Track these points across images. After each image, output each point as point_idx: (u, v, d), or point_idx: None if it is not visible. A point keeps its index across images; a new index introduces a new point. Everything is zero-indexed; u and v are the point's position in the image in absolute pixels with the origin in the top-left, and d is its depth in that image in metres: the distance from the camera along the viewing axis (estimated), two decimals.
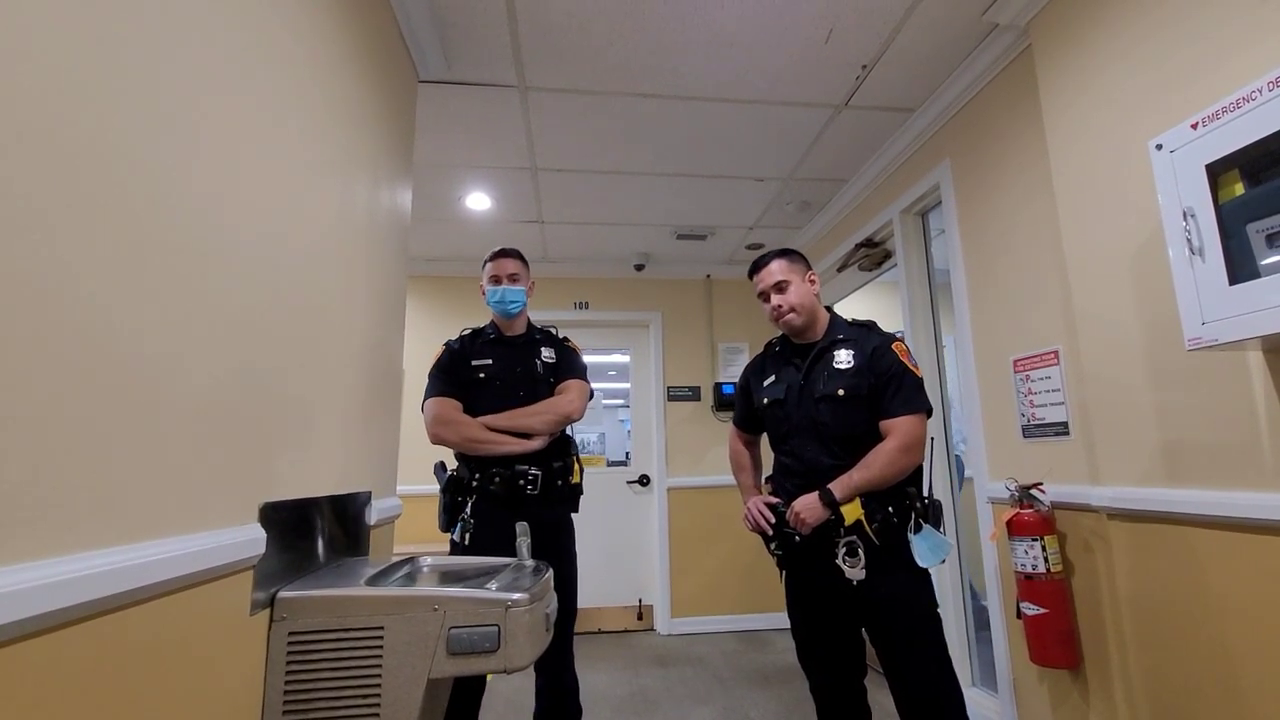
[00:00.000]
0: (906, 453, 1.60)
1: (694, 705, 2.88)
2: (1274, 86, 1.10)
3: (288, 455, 1.19)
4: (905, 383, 1.65)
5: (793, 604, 1.78)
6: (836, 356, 1.72)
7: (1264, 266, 1.13)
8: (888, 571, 1.59)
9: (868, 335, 1.74)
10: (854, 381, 1.67)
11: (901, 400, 1.64)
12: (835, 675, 1.73)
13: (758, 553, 4.27)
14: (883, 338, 1.73)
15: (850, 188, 3.31)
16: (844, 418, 1.67)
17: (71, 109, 0.69)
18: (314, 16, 1.31)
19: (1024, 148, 2.10)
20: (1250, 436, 1.31)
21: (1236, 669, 1.33)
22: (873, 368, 1.67)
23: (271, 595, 1.11)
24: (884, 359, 1.68)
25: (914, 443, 1.61)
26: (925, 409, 1.65)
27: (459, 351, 2.04)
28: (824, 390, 1.69)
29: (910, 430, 1.61)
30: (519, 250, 2.12)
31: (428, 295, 4.25)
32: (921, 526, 1.60)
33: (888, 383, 1.65)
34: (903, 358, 1.68)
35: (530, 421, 1.93)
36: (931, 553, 1.58)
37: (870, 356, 1.68)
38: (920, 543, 1.59)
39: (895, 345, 1.71)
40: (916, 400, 1.65)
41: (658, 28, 2.09)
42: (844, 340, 1.74)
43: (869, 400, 1.66)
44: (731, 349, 4.53)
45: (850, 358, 1.70)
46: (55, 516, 0.67)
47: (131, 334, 0.78)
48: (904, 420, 1.62)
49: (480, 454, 1.91)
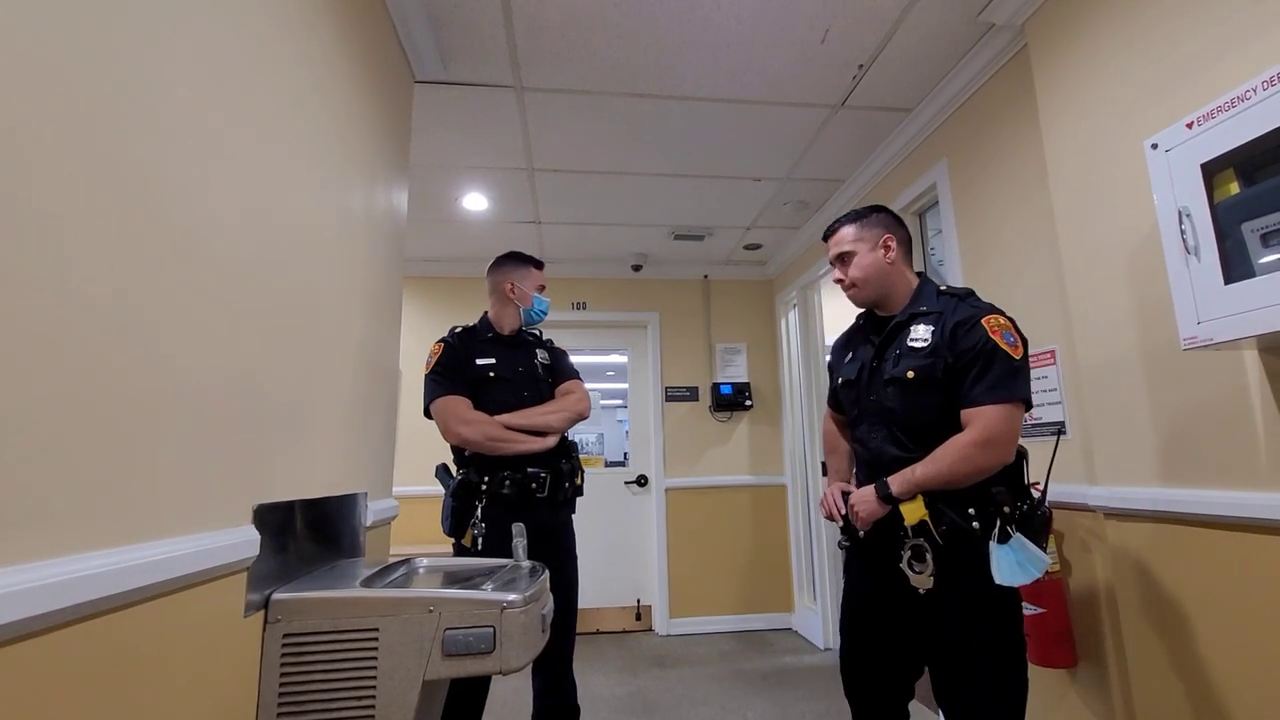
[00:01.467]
0: (986, 448, 1.35)
1: (692, 706, 2.88)
2: (1269, 85, 1.10)
3: (282, 456, 1.19)
4: (995, 364, 1.38)
5: (847, 602, 1.61)
6: (913, 332, 1.49)
7: (1259, 266, 1.13)
8: (958, 586, 1.38)
9: (956, 306, 1.48)
10: (927, 362, 1.44)
11: (987, 385, 1.38)
12: (876, 690, 1.54)
13: (756, 553, 4.28)
14: (974, 309, 1.46)
15: (848, 188, 3.31)
16: (913, 403, 1.46)
17: (68, 110, 0.69)
18: (310, 17, 1.31)
19: (1020, 148, 2.10)
20: (1246, 436, 1.31)
21: (1233, 668, 1.33)
22: (953, 345, 1.42)
23: (266, 597, 1.11)
24: (970, 335, 1.41)
25: (997, 436, 1.35)
26: (1018, 398, 1.39)
27: (459, 349, 2.01)
28: (893, 371, 1.49)
29: (993, 422, 1.36)
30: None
31: (424, 296, 4.25)
32: (1009, 536, 1.35)
33: (971, 363, 1.40)
34: (994, 334, 1.40)
35: (549, 420, 1.94)
36: (1019, 568, 1.32)
37: (952, 332, 1.43)
38: (1004, 555, 1.33)
39: (988, 319, 1.42)
40: (1007, 386, 1.38)
41: (654, 28, 2.09)
42: (925, 314, 1.50)
43: (945, 384, 1.43)
44: (729, 349, 4.53)
45: (928, 334, 1.47)
46: (47, 518, 0.67)
47: (126, 335, 0.78)
48: (987, 411, 1.37)
49: (500, 453, 1.88)
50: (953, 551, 1.38)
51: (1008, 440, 1.38)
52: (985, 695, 1.36)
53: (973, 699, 1.37)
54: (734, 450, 4.40)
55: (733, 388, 4.37)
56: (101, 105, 0.74)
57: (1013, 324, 1.44)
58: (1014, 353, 1.40)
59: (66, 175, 0.69)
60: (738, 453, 4.40)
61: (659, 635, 4.09)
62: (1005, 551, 1.34)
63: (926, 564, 1.39)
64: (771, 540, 4.28)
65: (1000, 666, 1.37)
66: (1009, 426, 1.37)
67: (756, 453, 4.40)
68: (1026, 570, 1.32)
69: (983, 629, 1.38)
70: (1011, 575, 1.32)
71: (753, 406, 4.41)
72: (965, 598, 1.38)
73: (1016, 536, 1.35)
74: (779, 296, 4.52)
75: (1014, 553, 1.33)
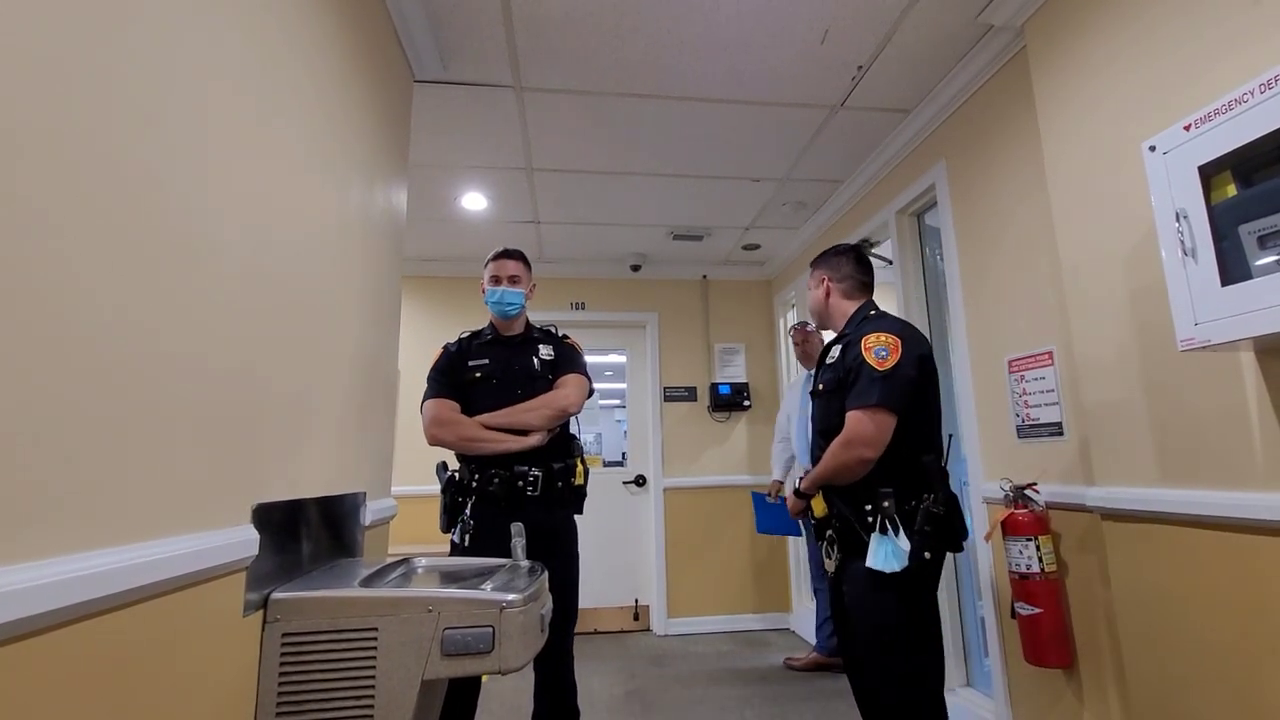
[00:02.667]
0: (847, 447, 1.61)
1: (690, 706, 2.88)
2: (1266, 88, 1.11)
3: (281, 456, 1.19)
4: (861, 376, 1.63)
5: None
6: (831, 352, 1.79)
7: (1256, 268, 1.13)
8: (850, 570, 1.66)
9: (858, 328, 1.74)
10: (831, 376, 1.73)
11: (855, 394, 1.64)
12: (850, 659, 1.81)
13: (754, 553, 4.28)
14: (865, 331, 1.69)
15: (846, 188, 3.32)
16: (823, 412, 1.75)
17: (67, 109, 0.69)
18: (309, 17, 1.31)
19: (1019, 149, 2.11)
20: (1242, 437, 1.31)
21: (1229, 668, 1.33)
22: (845, 362, 1.70)
23: (265, 596, 1.11)
24: (850, 352, 1.69)
25: (855, 437, 1.60)
26: (874, 403, 1.59)
27: (456, 354, 2.04)
28: (815, 385, 1.79)
29: (853, 424, 1.61)
30: (522, 251, 2.10)
31: (424, 296, 4.24)
32: (888, 530, 1.57)
33: (851, 377, 1.66)
34: (865, 352, 1.64)
35: (526, 418, 1.92)
36: (883, 558, 1.55)
37: (843, 351, 1.72)
38: (879, 545, 1.57)
39: (866, 338, 1.66)
40: (867, 393, 1.61)
41: (653, 28, 2.09)
42: (842, 336, 1.79)
43: (844, 395, 1.68)
44: (728, 349, 4.54)
45: (838, 352, 1.75)
46: (46, 518, 0.67)
47: (124, 334, 0.78)
48: (851, 415, 1.63)
49: (478, 453, 1.90)
50: (843, 538, 1.68)
51: (866, 440, 1.60)
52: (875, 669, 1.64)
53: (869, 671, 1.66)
54: (732, 450, 4.41)
55: (731, 388, 4.38)
56: (101, 105, 0.74)
57: (900, 340, 1.65)
58: (879, 365, 1.62)
59: (66, 175, 0.69)
60: (736, 453, 4.41)
61: (657, 635, 4.10)
62: (882, 541, 1.57)
63: (834, 550, 1.71)
64: (770, 540, 4.28)
65: (877, 635, 1.61)
66: (866, 428, 1.60)
67: (755, 453, 4.40)
68: (889, 561, 1.55)
69: (865, 608, 1.65)
70: (880, 562, 1.55)
71: (751, 406, 4.42)
72: (855, 582, 1.65)
73: (890, 532, 1.58)
74: (777, 297, 4.52)
75: (884, 544, 1.57)
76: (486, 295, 2.05)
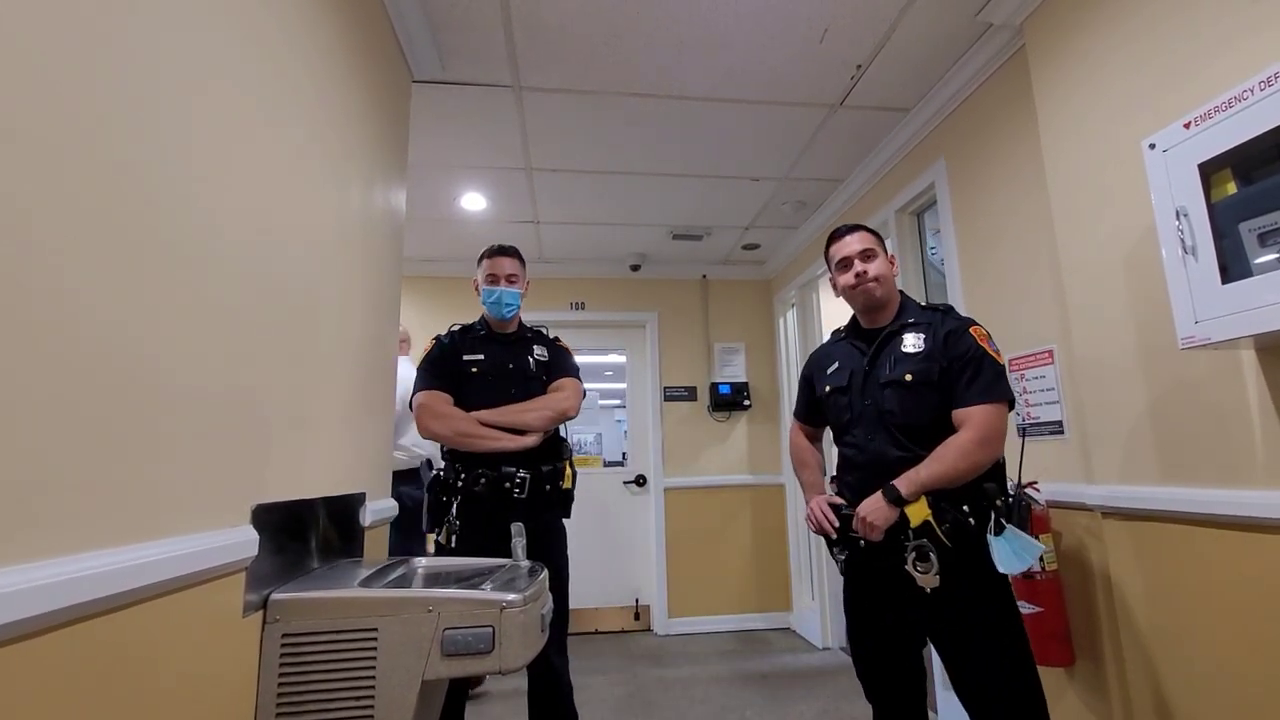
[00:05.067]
0: (983, 446, 1.45)
1: (690, 706, 2.88)
2: (1266, 86, 1.11)
3: (280, 457, 1.19)
4: (984, 368, 1.51)
5: (854, 615, 1.65)
6: (905, 340, 1.60)
7: (1256, 265, 1.13)
8: (963, 577, 1.45)
9: (943, 319, 1.61)
10: (924, 366, 1.54)
11: (979, 388, 1.49)
12: (900, 698, 1.59)
13: (755, 553, 4.28)
14: (960, 321, 1.60)
15: (846, 187, 3.31)
16: (912, 405, 1.54)
17: (64, 109, 0.69)
18: (307, 16, 1.30)
19: (1018, 147, 2.11)
20: (1243, 435, 1.31)
21: (1230, 666, 1.33)
22: (946, 351, 1.54)
23: (264, 597, 1.11)
24: (960, 342, 1.54)
25: (992, 434, 1.46)
26: (1006, 398, 1.51)
27: (449, 345, 2.00)
28: (890, 375, 1.57)
29: (988, 421, 1.47)
30: (517, 249, 2.08)
31: (423, 296, 4.24)
32: (1004, 527, 1.44)
33: (963, 368, 1.51)
34: (981, 342, 1.54)
35: (526, 418, 1.89)
36: (1015, 557, 1.41)
37: (944, 340, 1.55)
38: (1002, 546, 1.42)
39: (974, 329, 1.57)
40: (996, 388, 1.50)
41: (653, 27, 2.09)
42: (915, 324, 1.62)
43: (940, 387, 1.53)
44: (728, 349, 4.53)
45: (920, 341, 1.58)
46: (45, 519, 0.66)
47: (123, 335, 0.78)
48: (980, 410, 1.48)
49: (472, 449, 1.85)
50: (958, 547, 1.44)
51: (999, 437, 1.49)
52: (1008, 676, 1.44)
53: (995, 682, 1.44)
54: (732, 450, 4.41)
55: (731, 387, 4.38)
56: (99, 106, 0.74)
57: (988, 335, 1.58)
58: (998, 358, 1.55)
59: (64, 176, 0.69)
60: (736, 452, 4.41)
61: (657, 635, 4.09)
62: (1002, 542, 1.43)
63: (931, 563, 1.44)
64: (770, 540, 4.28)
65: (1017, 650, 1.46)
66: (1000, 424, 1.49)
67: (755, 452, 4.40)
68: (1023, 557, 1.41)
69: (991, 616, 1.47)
70: (1010, 564, 1.41)
71: (751, 406, 4.42)
72: (972, 589, 1.46)
73: (1010, 527, 1.45)
74: (777, 296, 4.52)
75: (1010, 542, 1.43)
76: (483, 294, 2.02)
